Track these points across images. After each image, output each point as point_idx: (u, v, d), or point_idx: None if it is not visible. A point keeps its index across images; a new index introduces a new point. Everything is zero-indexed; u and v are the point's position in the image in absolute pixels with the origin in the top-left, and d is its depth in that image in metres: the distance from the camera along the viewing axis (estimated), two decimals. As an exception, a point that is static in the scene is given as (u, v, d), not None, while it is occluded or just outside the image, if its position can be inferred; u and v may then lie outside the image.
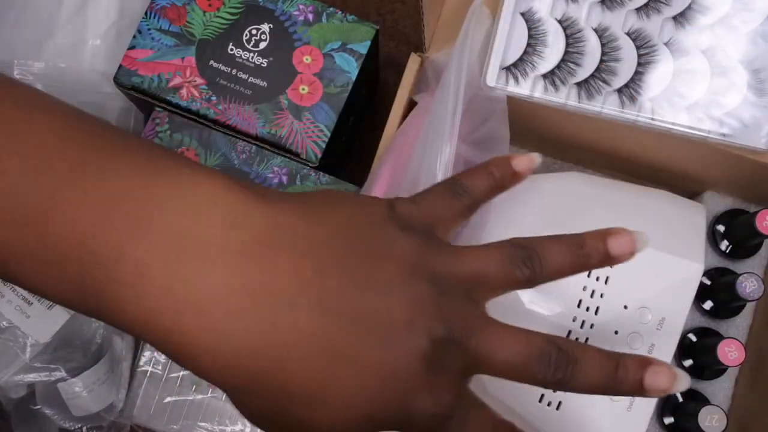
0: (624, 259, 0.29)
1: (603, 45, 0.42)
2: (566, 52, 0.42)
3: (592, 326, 0.39)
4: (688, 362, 0.47)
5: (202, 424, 0.53)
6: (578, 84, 0.42)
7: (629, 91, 0.41)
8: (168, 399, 0.53)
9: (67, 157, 0.26)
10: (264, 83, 0.45)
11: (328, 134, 0.44)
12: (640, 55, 0.41)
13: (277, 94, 0.45)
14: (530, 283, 0.29)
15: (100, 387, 0.49)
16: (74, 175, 0.26)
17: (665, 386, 0.28)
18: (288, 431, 0.27)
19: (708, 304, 0.48)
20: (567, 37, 0.42)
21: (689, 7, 0.41)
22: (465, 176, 0.31)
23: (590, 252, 0.29)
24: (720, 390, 0.47)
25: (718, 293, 0.47)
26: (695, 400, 0.46)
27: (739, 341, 0.43)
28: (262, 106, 0.45)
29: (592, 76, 0.42)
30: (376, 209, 0.28)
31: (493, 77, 0.42)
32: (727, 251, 0.48)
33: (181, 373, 0.54)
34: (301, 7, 0.46)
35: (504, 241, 0.29)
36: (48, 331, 0.46)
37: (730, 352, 0.43)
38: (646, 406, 0.40)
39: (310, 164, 0.44)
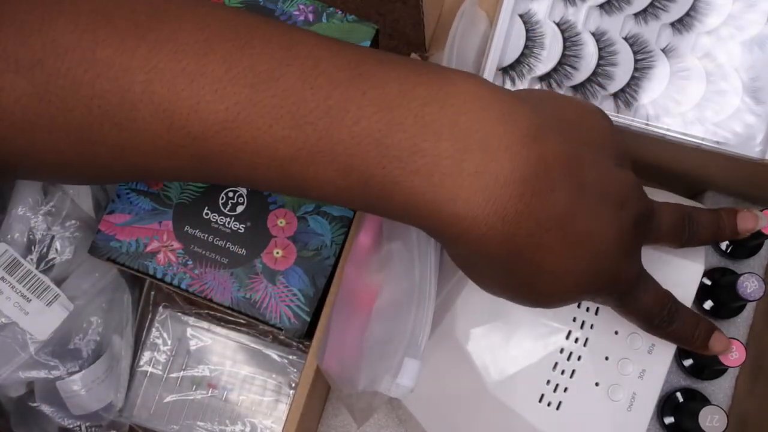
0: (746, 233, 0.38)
1: (600, 49, 0.42)
2: (563, 55, 0.42)
3: (591, 327, 0.39)
4: (688, 362, 0.47)
5: (202, 424, 0.53)
6: (574, 87, 0.42)
7: (625, 95, 0.41)
8: (168, 399, 0.54)
9: (339, 66, 0.29)
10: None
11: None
12: (636, 61, 0.42)
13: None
14: (681, 242, 0.37)
15: (98, 386, 0.49)
16: (350, 79, 0.28)
17: None
18: (522, 299, 0.32)
19: (708, 304, 0.47)
20: (564, 40, 0.42)
21: (687, 14, 0.42)
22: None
23: (724, 226, 0.37)
24: (720, 390, 0.47)
25: (718, 293, 0.47)
26: (695, 400, 0.46)
27: (739, 341, 0.43)
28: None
29: (589, 79, 0.42)
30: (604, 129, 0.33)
31: (489, 78, 0.42)
32: (728, 251, 0.48)
33: (181, 373, 0.54)
34: (301, 7, 0.46)
35: (679, 206, 0.36)
36: (47, 328, 0.46)
37: (731, 353, 0.43)
38: (646, 406, 0.39)
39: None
